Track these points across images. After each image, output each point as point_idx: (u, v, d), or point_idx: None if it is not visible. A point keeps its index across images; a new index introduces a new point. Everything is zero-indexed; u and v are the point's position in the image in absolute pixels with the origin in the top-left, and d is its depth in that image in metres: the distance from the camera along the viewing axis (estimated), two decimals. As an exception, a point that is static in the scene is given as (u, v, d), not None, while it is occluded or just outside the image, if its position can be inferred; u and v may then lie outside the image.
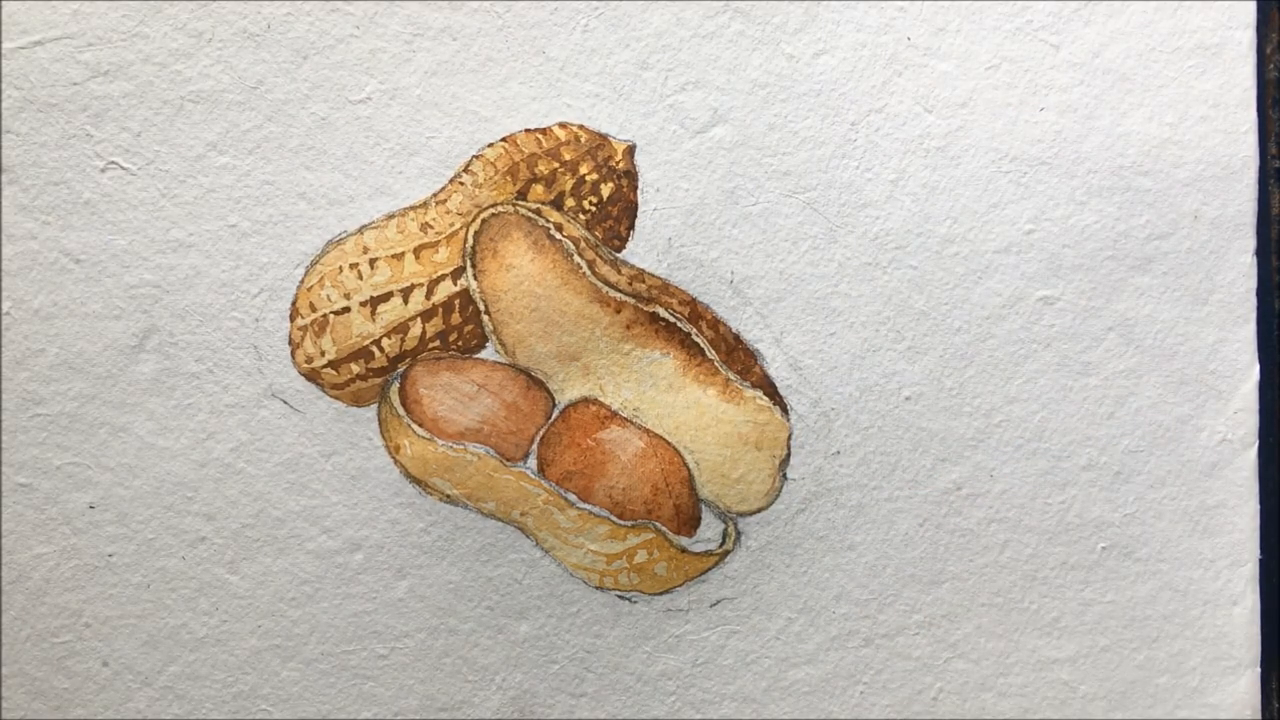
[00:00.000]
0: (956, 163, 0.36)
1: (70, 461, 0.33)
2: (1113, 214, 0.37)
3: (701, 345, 0.35)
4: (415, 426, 0.34)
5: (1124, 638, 0.37)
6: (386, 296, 0.34)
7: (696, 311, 0.35)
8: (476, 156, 0.34)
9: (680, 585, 0.35)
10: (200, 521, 0.34)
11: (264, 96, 0.33)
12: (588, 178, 0.35)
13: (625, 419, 0.35)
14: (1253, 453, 0.38)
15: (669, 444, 0.35)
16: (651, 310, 0.35)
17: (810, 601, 0.36)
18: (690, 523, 0.36)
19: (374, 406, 0.34)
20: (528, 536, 0.35)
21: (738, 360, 0.35)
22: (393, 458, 0.34)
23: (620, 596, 0.35)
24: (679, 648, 0.36)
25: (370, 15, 0.33)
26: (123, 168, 0.33)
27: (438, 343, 0.34)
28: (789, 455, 0.36)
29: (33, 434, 0.33)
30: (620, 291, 0.35)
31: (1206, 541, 0.37)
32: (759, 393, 0.35)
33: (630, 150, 0.35)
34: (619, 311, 0.35)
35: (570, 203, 0.35)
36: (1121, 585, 0.37)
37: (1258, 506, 0.38)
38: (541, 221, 0.34)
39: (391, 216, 0.34)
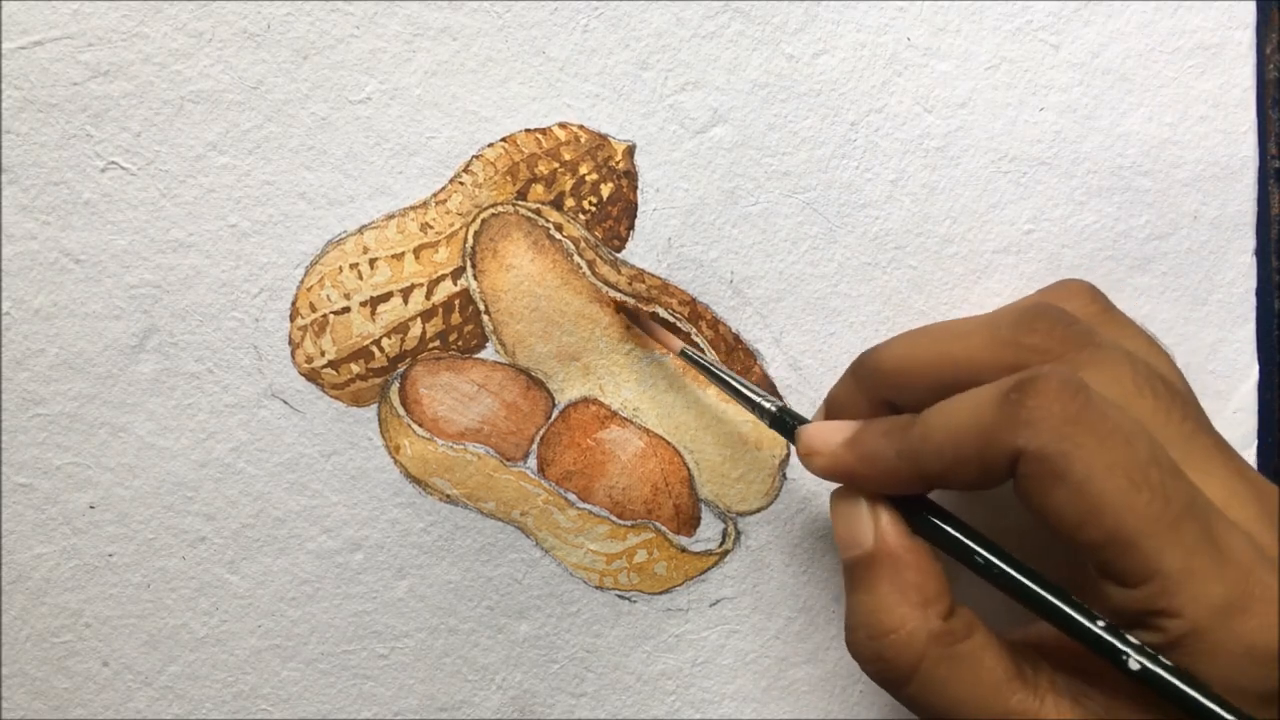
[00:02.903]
0: (956, 163, 0.36)
1: (70, 461, 0.33)
2: (1112, 214, 0.37)
3: (701, 345, 0.35)
4: (415, 426, 0.34)
5: (1124, 637, 0.37)
6: (386, 296, 0.34)
7: (696, 311, 0.35)
8: (476, 156, 0.34)
9: (680, 585, 0.35)
10: (200, 521, 0.34)
11: (264, 96, 0.33)
12: (588, 178, 0.35)
13: (625, 419, 0.35)
14: (1252, 453, 0.38)
15: (669, 444, 0.35)
16: (651, 310, 0.35)
17: (810, 601, 0.36)
18: (690, 523, 0.36)
19: (374, 406, 0.34)
20: (528, 536, 0.35)
21: (737, 360, 0.35)
22: (393, 458, 0.34)
23: (620, 596, 0.35)
24: (679, 648, 0.36)
25: (370, 15, 0.33)
26: (123, 168, 0.33)
27: (438, 343, 0.34)
28: (789, 455, 0.36)
29: (33, 434, 0.33)
30: (620, 291, 0.35)
31: (1206, 541, 0.37)
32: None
33: (630, 150, 0.35)
34: (619, 311, 0.35)
35: (570, 203, 0.35)
36: (1121, 585, 0.37)
37: (1257, 506, 0.38)
38: (541, 221, 0.34)
39: (391, 216, 0.34)
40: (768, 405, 0.31)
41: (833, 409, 0.32)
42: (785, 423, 0.31)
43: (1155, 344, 0.31)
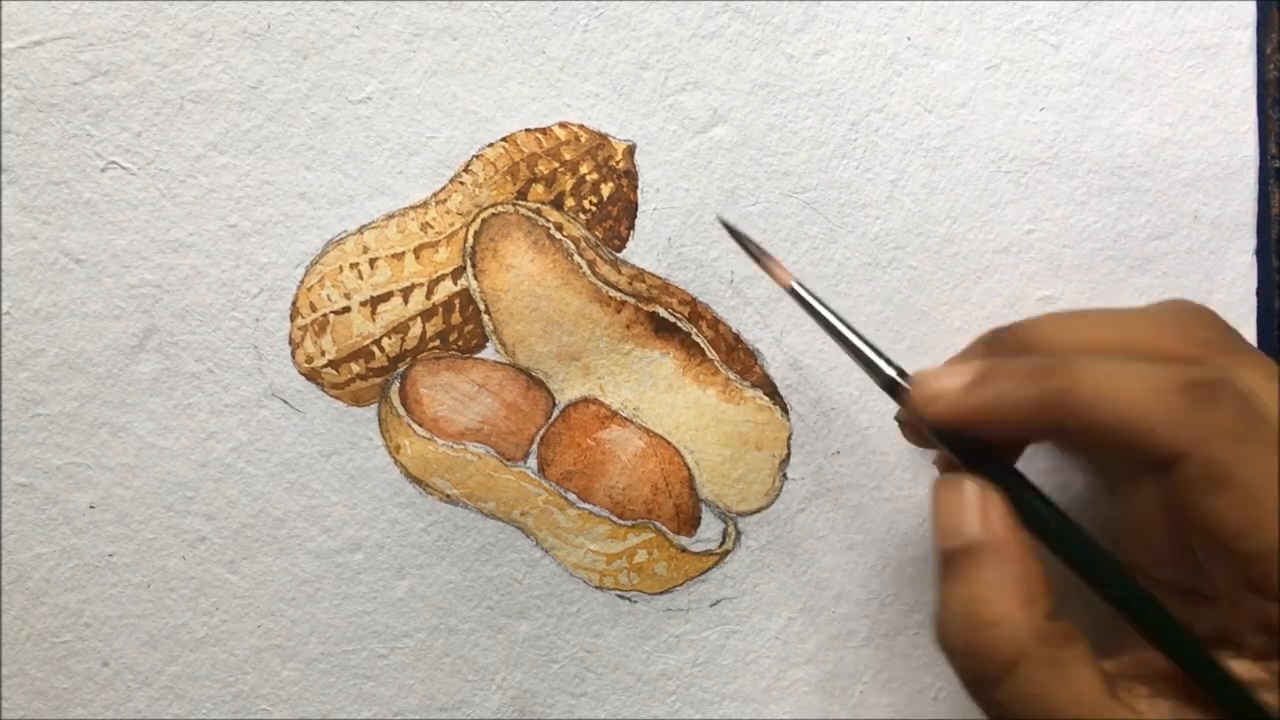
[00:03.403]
0: (956, 163, 0.36)
1: (70, 461, 0.33)
2: (1112, 214, 0.37)
3: (701, 345, 0.35)
4: (415, 426, 0.34)
5: (1124, 637, 0.37)
6: (386, 296, 0.34)
7: (696, 311, 0.35)
8: (476, 156, 0.34)
9: (680, 585, 0.35)
10: (200, 521, 0.34)
11: (264, 96, 0.33)
12: (588, 178, 0.35)
13: (625, 419, 0.35)
14: (1252, 453, 0.38)
15: (669, 444, 0.35)
16: (651, 310, 0.35)
17: (810, 601, 0.36)
18: (690, 523, 0.36)
19: (374, 406, 0.34)
20: (528, 536, 0.35)
21: (738, 360, 0.35)
22: (393, 458, 0.34)
23: (620, 596, 0.35)
24: (679, 648, 0.36)
25: (370, 15, 0.33)
26: (123, 168, 0.33)
27: (438, 343, 0.34)
28: (789, 455, 0.36)
29: (33, 434, 0.33)
30: (620, 291, 0.35)
31: (1206, 541, 0.37)
32: (759, 392, 0.35)
33: (630, 150, 0.35)
34: (619, 311, 0.35)
35: (570, 203, 0.35)
36: (1121, 585, 0.37)
37: (1257, 506, 0.38)
38: (541, 221, 0.34)
39: (391, 216, 0.34)
40: (883, 365, 0.29)
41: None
42: (896, 384, 0.29)
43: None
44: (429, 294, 0.34)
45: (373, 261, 0.34)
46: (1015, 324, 0.29)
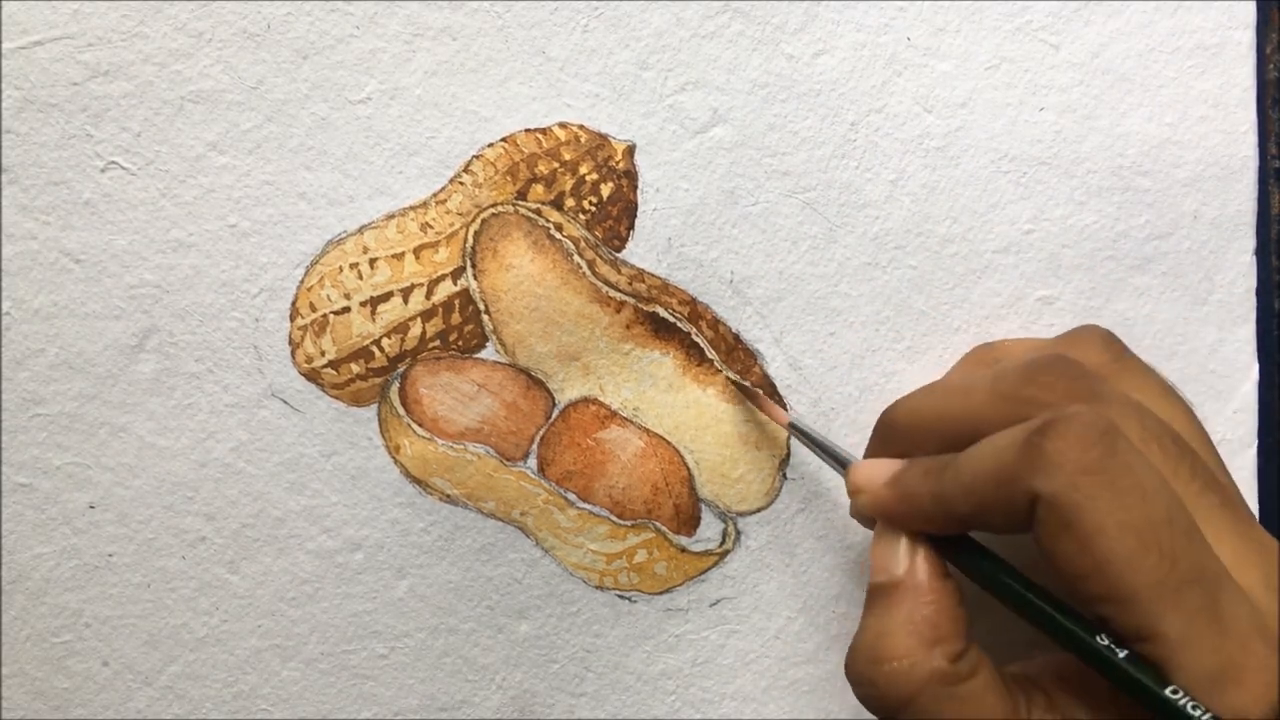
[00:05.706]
0: (956, 163, 0.36)
1: (70, 461, 0.33)
2: (1112, 214, 0.37)
3: (701, 345, 0.35)
4: (415, 426, 0.34)
5: (1123, 637, 0.37)
6: (386, 296, 0.34)
7: (696, 311, 0.35)
8: (476, 156, 0.34)
9: (680, 585, 0.36)
10: (200, 521, 0.34)
11: (264, 96, 0.33)
12: (588, 178, 0.35)
13: (625, 419, 0.35)
14: (1252, 452, 0.38)
15: (669, 444, 0.35)
16: (651, 310, 0.35)
17: (810, 601, 0.36)
18: (690, 522, 0.36)
19: (374, 406, 0.34)
20: (528, 536, 0.35)
21: (737, 360, 0.35)
22: (393, 458, 0.34)
23: (620, 596, 0.35)
24: (679, 647, 0.36)
25: (370, 15, 0.33)
26: (123, 168, 0.33)
27: (438, 343, 0.34)
28: (789, 455, 0.36)
29: (33, 434, 0.33)
30: (620, 291, 0.35)
31: (1206, 541, 0.37)
32: (759, 393, 0.35)
33: (630, 150, 0.35)
34: (619, 311, 0.35)
35: (570, 203, 0.35)
36: (1121, 585, 0.37)
37: (1257, 506, 0.38)
38: (541, 221, 0.34)
39: (391, 216, 0.34)
40: (843, 456, 0.32)
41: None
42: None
43: (1172, 394, 0.30)
44: (429, 294, 0.34)
45: (372, 261, 0.34)
46: (887, 408, 0.32)
